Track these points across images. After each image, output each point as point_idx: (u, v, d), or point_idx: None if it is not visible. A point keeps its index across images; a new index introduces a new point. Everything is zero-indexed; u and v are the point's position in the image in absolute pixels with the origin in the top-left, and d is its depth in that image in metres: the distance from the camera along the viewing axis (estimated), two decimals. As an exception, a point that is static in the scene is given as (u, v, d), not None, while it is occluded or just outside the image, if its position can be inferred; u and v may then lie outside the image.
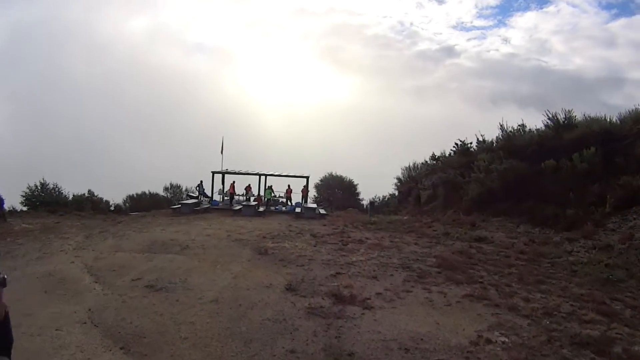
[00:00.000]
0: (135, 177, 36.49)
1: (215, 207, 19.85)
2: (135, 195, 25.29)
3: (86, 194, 20.41)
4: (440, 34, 75.03)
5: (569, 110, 14.24)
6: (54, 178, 19.76)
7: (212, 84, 77.88)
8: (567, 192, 12.51)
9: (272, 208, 20.67)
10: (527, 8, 67.34)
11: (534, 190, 13.16)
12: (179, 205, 18.23)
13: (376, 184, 31.83)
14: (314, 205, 21.02)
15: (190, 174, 37.19)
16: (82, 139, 51.18)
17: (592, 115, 14.17)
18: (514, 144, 14.83)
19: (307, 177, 23.07)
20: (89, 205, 18.97)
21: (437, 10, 75.19)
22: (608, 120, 14.24)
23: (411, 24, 75.61)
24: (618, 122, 13.75)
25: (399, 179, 28.63)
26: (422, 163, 22.50)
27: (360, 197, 31.84)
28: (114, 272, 7.36)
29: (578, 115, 14.47)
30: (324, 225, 15.22)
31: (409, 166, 24.59)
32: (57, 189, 19.37)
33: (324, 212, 19.44)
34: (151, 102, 66.40)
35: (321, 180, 31.07)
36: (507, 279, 7.61)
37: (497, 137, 16.23)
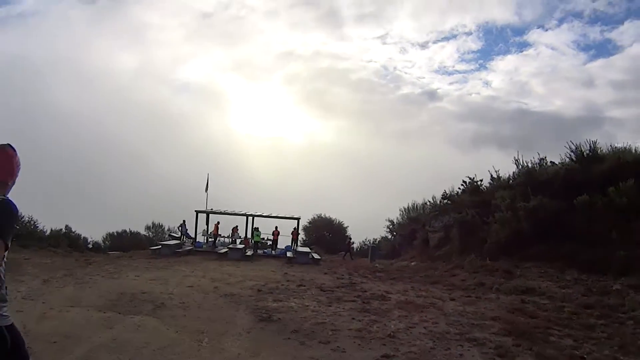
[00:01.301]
0: (117, 214, 33.79)
1: (199, 249, 18.09)
2: (115, 234, 24.01)
3: (63, 230, 18.62)
4: (423, 78, 77.39)
5: (593, 142, 13.11)
6: (32, 212, 17.65)
7: (198, 124, 76.34)
8: (607, 231, 10.98)
9: (260, 252, 18.37)
10: (507, 52, 70.76)
11: (568, 230, 11.53)
12: (159, 246, 16.32)
13: (365, 226, 29.93)
14: (307, 250, 18.83)
15: (173, 213, 34.80)
16: (65, 175, 47.66)
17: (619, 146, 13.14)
18: (535, 180, 13.40)
19: (298, 219, 21.05)
20: (66, 242, 17.34)
21: (419, 55, 78.09)
22: (633, 150, 13.23)
23: (395, 68, 77.77)
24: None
25: (391, 221, 26.73)
26: (425, 203, 20.79)
27: (351, 240, 29.72)
28: (55, 346, 4.95)
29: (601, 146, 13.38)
30: (325, 273, 12.99)
31: (408, 207, 22.81)
32: (32, 222, 17.25)
33: (318, 257, 17.40)
34: (137, 138, 63.88)
35: (309, 222, 28.90)
36: (606, 348, 5.58)
37: (513, 173, 14.86)
